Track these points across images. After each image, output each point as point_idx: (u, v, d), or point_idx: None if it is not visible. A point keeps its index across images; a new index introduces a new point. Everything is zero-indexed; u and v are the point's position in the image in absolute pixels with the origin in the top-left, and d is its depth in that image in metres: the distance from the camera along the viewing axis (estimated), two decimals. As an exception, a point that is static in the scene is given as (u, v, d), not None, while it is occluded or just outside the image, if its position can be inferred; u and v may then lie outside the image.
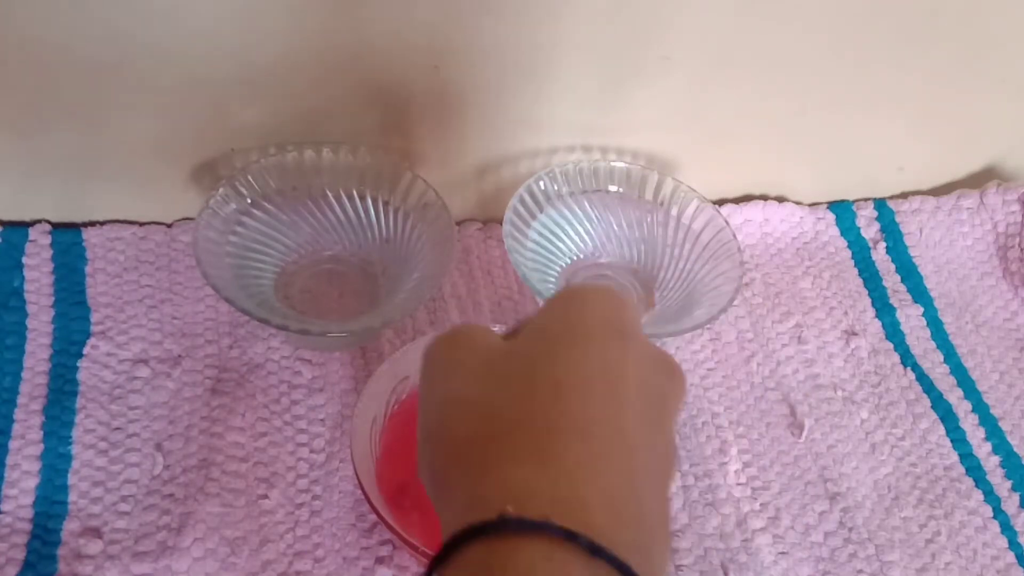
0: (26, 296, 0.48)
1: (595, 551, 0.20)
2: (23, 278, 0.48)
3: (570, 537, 0.20)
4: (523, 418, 0.23)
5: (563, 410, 0.23)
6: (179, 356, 0.47)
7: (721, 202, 0.58)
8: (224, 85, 0.46)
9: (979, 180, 0.62)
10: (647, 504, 0.23)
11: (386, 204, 0.50)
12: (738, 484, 0.47)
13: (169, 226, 0.52)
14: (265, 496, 0.43)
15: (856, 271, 0.58)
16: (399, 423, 0.43)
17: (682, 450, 0.48)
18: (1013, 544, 0.47)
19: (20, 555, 0.39)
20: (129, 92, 0.45)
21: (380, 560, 0.41)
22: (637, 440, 0.24)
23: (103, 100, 0.45)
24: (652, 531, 0.23)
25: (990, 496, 0.49)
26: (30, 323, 0.47)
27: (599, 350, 0.25)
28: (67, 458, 0.43)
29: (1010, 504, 0.48)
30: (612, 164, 0.53)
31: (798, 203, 0.59)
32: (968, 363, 0.54)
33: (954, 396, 0.52)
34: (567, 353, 0.25)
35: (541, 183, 0.51)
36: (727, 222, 0.51)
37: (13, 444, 0.43)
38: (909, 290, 0.57)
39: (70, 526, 0.41)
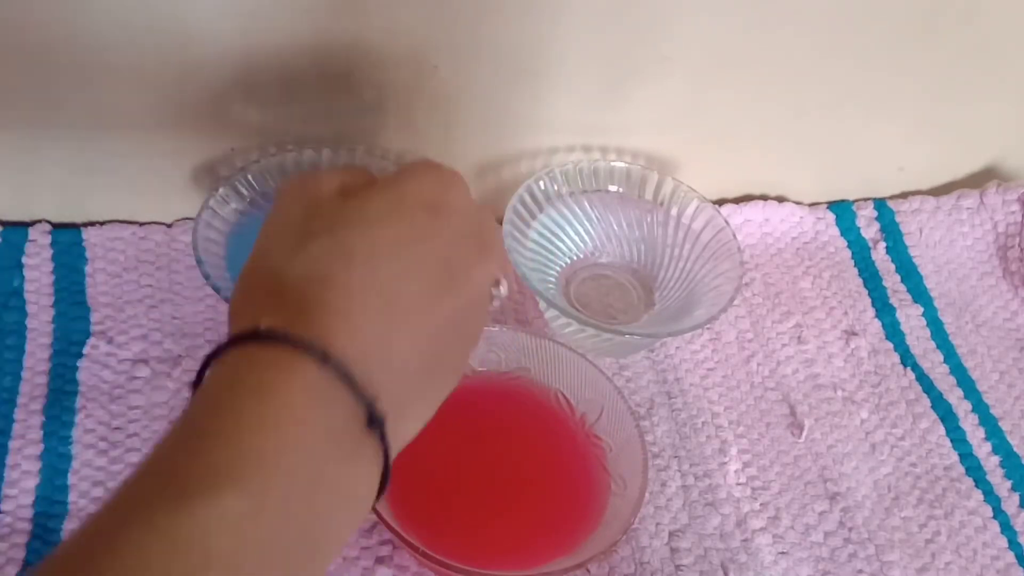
0: (26, 296, 0.48)
1: (326, 360, 0.24)
2: (23, 278, 0.48)
3: (306, 348, 0.24)
4: (308, 265, 0.27)
5: (344, 267, 0.27)
6: (179, 356, 0.47)
7: (721, 202, 0.58)
8: (224, 85, 0.46)
9: (979, 180, 0.62)
10: (403, 351, 0.27)
11: (386, 204, 0.50)
12: (738, 484, 0.47)
13: (169, 226, 0.52)
14: (265, 496, 0.43)
15: (856, 271, 0.58)
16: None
17: (682, 450, 0.48)
18: (1013, 544, 0.47)
19: (20, 555, 0.39)
20: (129, 92, 0.45)
21: (380, 560, 0.41)
22: (410, 303, 0.27)
23: (103, 100, 0.45)
24: (403, 376, 0.27)
25: (990, 496, 0.49)
26: (30, 323, 0.47)
27: (404, 225, 0.28)
28: (67, 458, 0.43)
29: (1010, 504, 0.48)
30: (612, 164, 0.53)
31: (798, 203, 0.59)
32: (968, 363, 0.54)
33: (954, 396, 0.52)
34: (371, 225, 0.28)
35: (541, 183, 0.51)
36: (727, 222, 0.51)
37: (13, 444, 0.43)
38: (909, 290, 0.57)
39: (70, 526, 0.41)
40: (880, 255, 0.59)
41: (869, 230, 0.60)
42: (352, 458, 0.25)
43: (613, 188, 0.53)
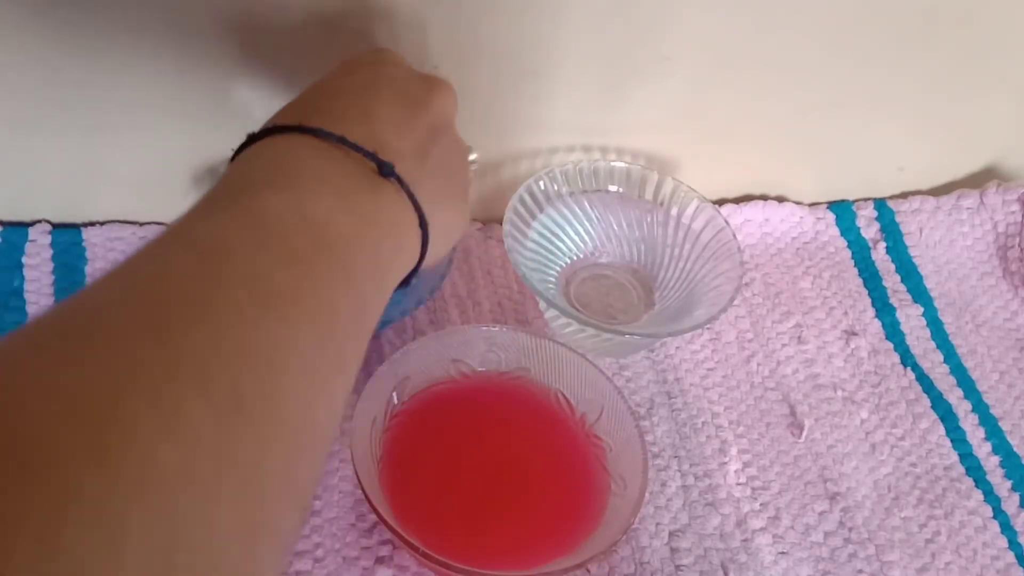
0: (26, 296, 0.48)
1: (329, 136, 0.30)
2: (23, 278, 0.48)
3: (315, 132, 0.30)
4: (318, 99, 0.34)
5: (331, 93, 0.34)
6: (179, 356, 0.47)
7: (721, 202, 0.58)
8: (225, 86, 0.46)
9: (979, 180, 0.62)
10: (392, 142, 0.32)
11: (386, 204, 0.50)
12: (738, 484, 0.47)
13: (169, 226, 0.52)
14: (265, 496, 0.43)
15: (856, 271, 0.58)
16: (400, 423, 0.43)
17: (682, 450, 0.48)
18: (1013, 544, 0.47)
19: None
20: (129, 92, 0.45)
21: (380, 560, 0.41)
22: (387, 117, 0.32)
23: (103, 100, 0.45)
24: (401, 157, 0.31)
25: (990, 496, 0.49)
26: (30, 323, 0.47)
27: (351, 77, 0.35)
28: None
29: (1010, 504, 0.48)
30: (612, 164, 0.53)
31: (798, 203, 0.59)
32: (968, 363, 0.54)
33: (954, 396, 0.52)
34: (336, 73, 0.36)
35: (541, 183, 0.51)
36: (727, 222, 0.51)
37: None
38: (909, 290, 0.57)
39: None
40: (880, 255, 0.59)
41: (869, 230, 0.60)
42: (375, 192, 0.30)
43: (613, 188, 0.53)
